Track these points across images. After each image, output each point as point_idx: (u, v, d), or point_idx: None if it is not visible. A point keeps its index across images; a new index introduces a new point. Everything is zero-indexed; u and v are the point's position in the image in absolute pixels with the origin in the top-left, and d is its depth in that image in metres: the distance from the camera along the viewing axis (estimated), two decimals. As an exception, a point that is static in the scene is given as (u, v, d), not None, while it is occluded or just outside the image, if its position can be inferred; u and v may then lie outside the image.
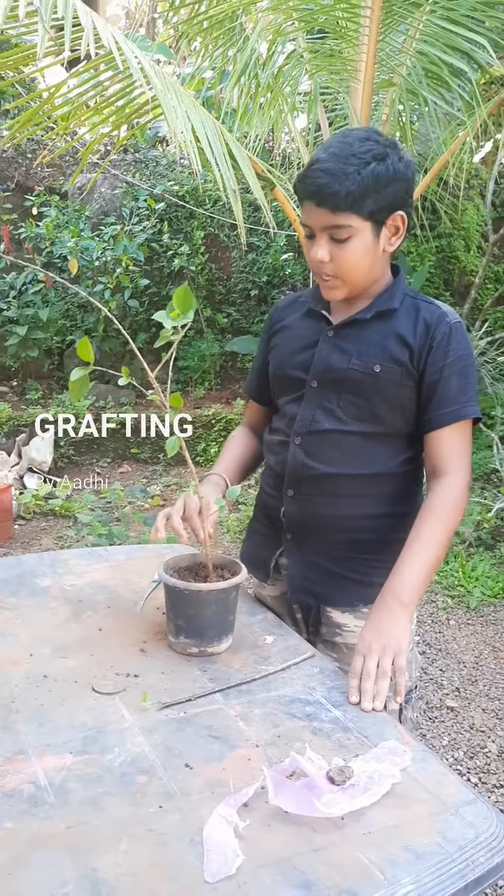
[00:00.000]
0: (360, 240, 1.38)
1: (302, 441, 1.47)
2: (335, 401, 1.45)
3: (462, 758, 2.64)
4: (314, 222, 1.38)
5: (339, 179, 1.32)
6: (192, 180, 6.27)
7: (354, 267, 1.40)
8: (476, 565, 4.10)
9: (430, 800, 1.01)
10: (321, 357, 1.47)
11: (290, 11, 3.28)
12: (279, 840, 0.93)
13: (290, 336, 1.56)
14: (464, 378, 1.42)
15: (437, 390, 1.41)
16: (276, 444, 1.55)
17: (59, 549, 4.20)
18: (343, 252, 1.38)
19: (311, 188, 1.35)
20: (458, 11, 3.04)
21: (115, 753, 1.07)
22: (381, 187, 1.35)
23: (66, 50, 2.29)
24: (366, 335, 1.45)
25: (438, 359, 1.41)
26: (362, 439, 1.44)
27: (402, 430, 1.46)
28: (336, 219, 1.35)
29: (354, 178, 1.32)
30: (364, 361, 1.43)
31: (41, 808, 0.96)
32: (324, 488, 1.46)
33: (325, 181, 1.33)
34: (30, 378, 6.12)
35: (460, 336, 1.43)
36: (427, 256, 6.29)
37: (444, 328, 1.42)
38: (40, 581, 1.63)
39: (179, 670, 1.30)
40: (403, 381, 1.42)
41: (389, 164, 1.35)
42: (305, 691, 1.26)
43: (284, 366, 1.54)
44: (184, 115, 2.63)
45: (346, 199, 1.33)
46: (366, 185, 1.33)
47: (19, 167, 6.45)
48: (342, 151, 1.34)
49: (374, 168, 1.34)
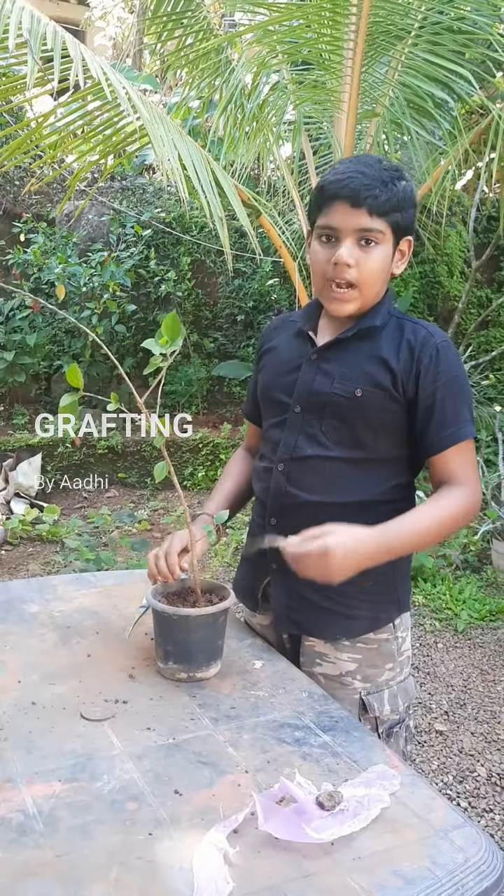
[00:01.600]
0: (384, 250, 1.38)
1: (285, 467, 1.45)
2: (318, 426, 1.42)
3: (451, 782, 2.63)
4: (346, 224, 1.36)
5: (382, 184, 1.34)
6: (179, 207, 6.33)
7: (375, 276, 1.39)
8: (463, 588, 4.11)
9: (420, 824, 1.02)
10: (304, 381, 1.45)
11: (274, 44, 3.34)
12: (269, 867, 0.93)
13: (277, 357, 1.54)
14: (458, 398, 1.40)
15: (433, 414, 1.38)
16: (261, 470, 1.52)
17: (46, 575, 4.18)
18: (368, 258, 1.37)
19: (350, 189, 1.34)
20: (440, 44, 3.11)
21: (105, 780, 1.07)
22: (407, 206, 1.38)
23: (56, 80, 2.32)
24: (348, 357, 1.43)
25: (429, 382, 1.38)
26: (346, 465, 1.41)
27: (387, 456, 1.43)
28: (372, 222, 1.35)
29: (392, 189, 1.35)
30: (346, 385, 1.40)
31: (30, 837, 0.95)
32: (307, 517, 1.39)
33: (367, 183, 1.34)
34: (17, 403, 6.12)
35: (449, 356, 1.41)
36: (411, 282, 6.36)
37: (431, 350, 1.39)
38: (28, 607, 1.63)
39: (168, 696, 1.30)
40: (387, 405, 1.39)
41: (409, 187, 1.39)
42: (294, 716, 1.26)
43: (270, 388, 1.53)
44: (171, 144, 2.66)
45: (386, 204, 1.34)
46: (399, 199, 1.36)
47: (7, 194, 6.50)
48: (370, 167, 1.36)
49: (404, 185, 1.37)
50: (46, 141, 3.12)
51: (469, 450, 1.41)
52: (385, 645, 1.48)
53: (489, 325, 6.72)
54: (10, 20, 2.28)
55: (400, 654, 1.50)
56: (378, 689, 1.47)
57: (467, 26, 3.08)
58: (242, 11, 3.74)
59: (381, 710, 1.47)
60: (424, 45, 3.14)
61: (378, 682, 1.47)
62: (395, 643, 1.49)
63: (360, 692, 1.46)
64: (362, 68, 3.16)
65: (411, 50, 3.20)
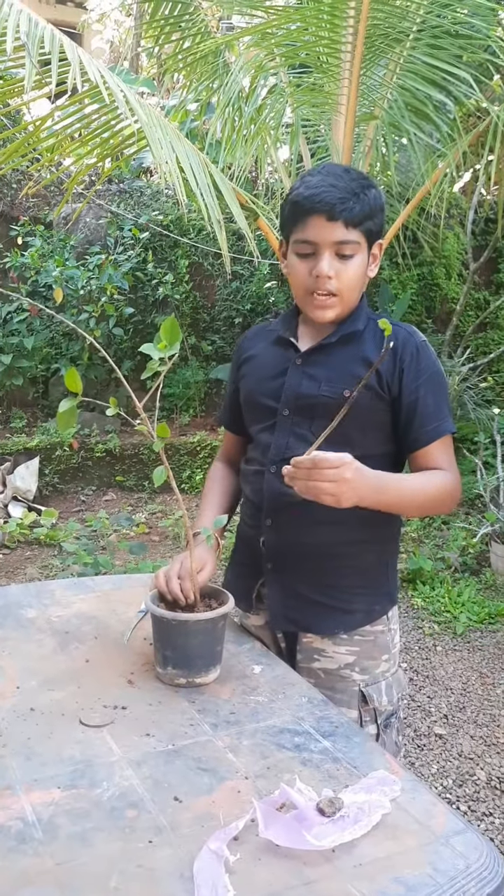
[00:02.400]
0: (361, 258, 1.43)
1: (277, 469, 1.46)
2: (307, 427, 1.46)
3: (451, 786, 2.63)
4: (323, 237, 1.40)
5: (355, 196, 1.38)
6: (177, 210, 6.33)
7: (354, 284, 1.44)
8: (462, 591, 4.10)
9: (421, 830, 1.01)
10: (291, 385, 1.49)
11: (272, 47, 3.34)
12: (270, 874, 0.92)
13: (258, 365, 1.58)
14: (438, 394, 1.46)
15: (416, 410, 1.43)
16: (251, 473, 1.55)
17: (44, 578, 4.17)
18: (347, 268, 1.42)
19: (325, 203, 1.38)
20: (439, 47, 3.11)
21: (104, 787, 1.06)
22: (377, 213, 1.43)
23: (53, 83, 2.32)
24: (333, 361, 1.48)
25: (412, 379, 1.44)
26: None
27: (375, 452, 1.46)
28: (348, 234, 1.39)
29: (363, 199, 1.39)
30: (333, 387, 1.45)
31: (29, 845, 0.95)
32: (301, 516, 1.46)
33: (341, 196, 1.37)
34: (14, 406, 6.11)
35: (428, 354, 1.47)
36: (409, 284, 6.37)
37: (412, 348, 1.45)
38: (26, 612, 1.62)
39: (167, 702, 1.30)
40: (374, 403, 1.44)
41: (378, 194, 1.43)
42: (294, 721, 1.25)
43: (255, 394, 1.56)
44: (168, 147, 2.66)
45: (359, 215, 1.39)
46: (370, 208, 1.40)
47: (4, 197, 6.49)
48: (339, 179, 1.40)
49: (374, 193, 1.42)
50: (44, 144, 3.12)
51: (449, 444, 1.48)
52: (381, 637, 1.53)
53: (487, 328, 6.72)
54: (7, 23, 2.28)
55: (393, 646, 1.56)
56: (375, 681, 1.51)
57: (465, 29, 3.08)
58: (240, 14, 3.74)
59: (379, 702, 1.51)
60: (423, 47, 3.15)
61: (375, 673, 1.52)
62: (389, 635, 1.55)
63: (360, 684, 1.50)
64: (360, 71, 3.16)
65: (410, 53, 3.21)
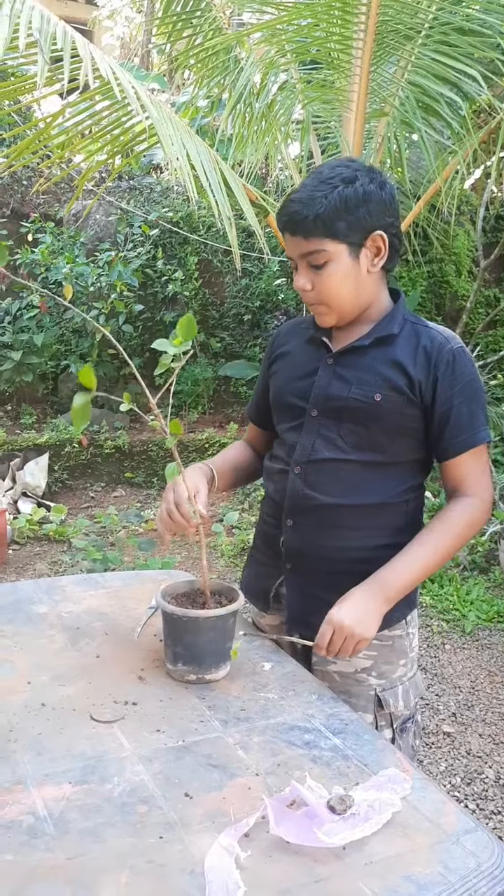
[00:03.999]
0: (338, 264, 1.39)
1: (301, 470, 1.46)
2: (335, 429, 1.44)
3: (459, 784, 2.62)
4: (292, 252, 1.40)
5: (307, 206, 1.35)
6: (187, 207, 6.33)
7: (336, 292, 1.41)
8: (470, 589, 4.10)
9: (431, 829, 1.01)
10: (321, 385, 1.46)
11: (283, 43, 3.34)
12: (281, 870, 0.92)
13: (290, 363, 1.56)
14: (474, 403, 1.42)
15: (449, 419, 1.40)
16: (275, 472, 1.53)
17: (53, 575, 4.19)
18: (322, 278, 1.39)
19: (284, 218, 1.39)
20: (449, 44, 3.09)
21: (115, 783, 1.07)
22: (352, 209, 1.36)
23: (65, 80, 2.32)
24: (366, 363, 1.44)
25: (446, 388, 1.40)
26: (363, 468, 1.43)
27: (403, 459, 1.45)
28: (309, 245, 1.37)
29: (322, 202, 1.35)
30: (364, 390, 1.42)
31: (41, 840, 0.95)
32: (323, 519, 1.44)
33: (296, 208, 1.36)
34: (24, 402, 6.13)
35: (465, 361, 1.42)
36: (419, 281, 6.35)
37: (447, 356, 1.41)
38: (37, 608, 1.63)
39: (178, 698, 1.30)
40: (405, 409, 1.41)
41: (358, 185, 1.36)
42: (304, 719, 1.26)
43: (284, 393, 1.53)
44: (179, 143, 2.66)
45: (315, 223, 1.35)
46: (334, 208, 1.35)
47: (15, 194, 6.50)
48: (312, 181, 1.39)
49: (341, 191, 1.36)
50: (55, 141, 3.12)
51: (482, 455, 1.44)
52: (398, 641, 1.50)
53: (497, 325, 6.69)
54: (20, 20, 2.28)
55: (411, 650, 1.54)
56: (392, 686, 1.50)
57: (477, 26, 3.06)
58: (251, 11, 3.73)
59: (395, 706, 1.49)
60: (434, 44, 3.13)
61: (392, 678, 1.50)
62: (408, 639, 1.52)
63: (376, 689, 1.48)
64: (371, 67, 3.15)
65: (420, 49, 3.19)
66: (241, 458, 1.70)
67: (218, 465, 1.59)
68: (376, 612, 1.35)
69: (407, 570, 1.38)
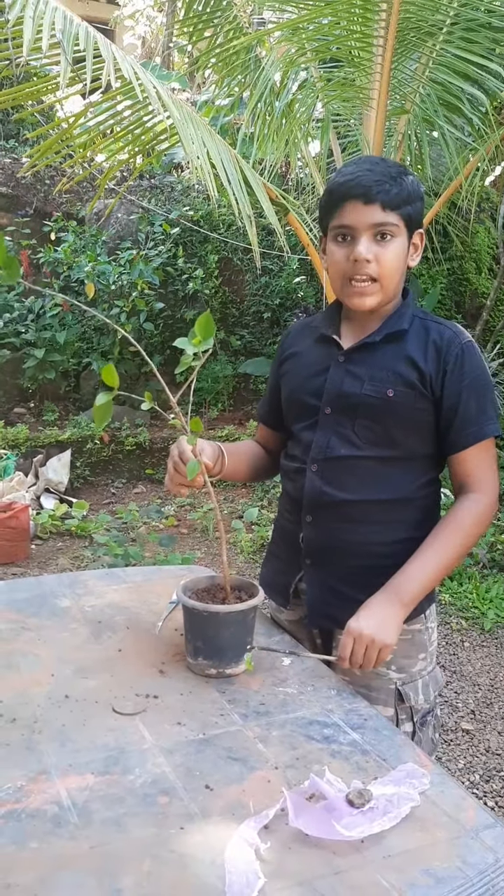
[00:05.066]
0: (400, 242, 1.41)
1: (318, 468, 1.47)
2: (350, 426, 1.45)
3: (478, 781, 2.62)
4: (360, 220, 1.38)
5: (388, 180, 1.37)
6: (207, 205, 6.35)
7: (394, 269, 1.41)
8: (490, 587, 4.08)
9: (450, 823, 1.02)
10: (333, 383, 1.47)
11: (303, 42, 3.34)
12: (300, 862, 0.94)
13: (301, 362, 1.56)
14: (482, 397, 1.43)
15: (457, 413, 1.41)
16: (292, 470, 1.54)
17: (75, 569, 4.23)
18: (386, 251, 1.39)
19: (361, 186, 1.37)
20: (472, 40, 3.08)
21: (137, 774, 1.08)
22: (415, 200, 1.41)
23: (88, 80, 2.35)
24: (377, 359, 1.45)
25: (455, 381, 1.41)
26: (379, 464, 1.44)
27: (418, 453, 1.46)
28: (386, 216, 1.38)
29: (401, 182, 1.38)
30: (376, 386, 1.43)
31: (65, 829, 0.97)
32: (342, 515, 1.46)
33: (377, 179, 1.37)
34: (47, 400, 6.18)
35: (473, 356, 1.44)
36: (438, 279, 6.33)
37: (456, 349, 1.42)
38: (60, 602, 1.65)
39: (198, 692, 1.31)
40: (417, 404, 1.42)
41: (415, 181, 1.42)
42: (323, 713, 1.27)
43: (297, 392, 1.54)
44: (200, 143, 2.68)
45: (397, 197, 1.37)
46: (408, 193, 1.39)
47: (38, 193, 6.56)
48: (376, 165, 1.40)
49: (411, 180, 1.41)
50: (77, 140, 3.15)
51: (490, 449, 1.46)
52: (418, 635, 1.51)
53: (518, 323, 6.65)
54: (43, 21, 2.30)
55: (430, 644, 1.55)
56: (412, 679, 1.51)
57: (499, 22, 3.05)
58: (272, 10, 3.74)
59: (416, 700, 1.50)
60: (456, 41, 3.12)
61: (412, 672, 1.51)
62: (427, 633, 1.53)
63: (396, 682, 1.49)
64: (392, 65, 3.15)
65: (442, 46, 3.18)
66: (252, 451, 1.71)
67: (228, 448, 1.60)
68: (395, 618, 1.36)
69: (421, 574, 1.39)
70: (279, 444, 1.66)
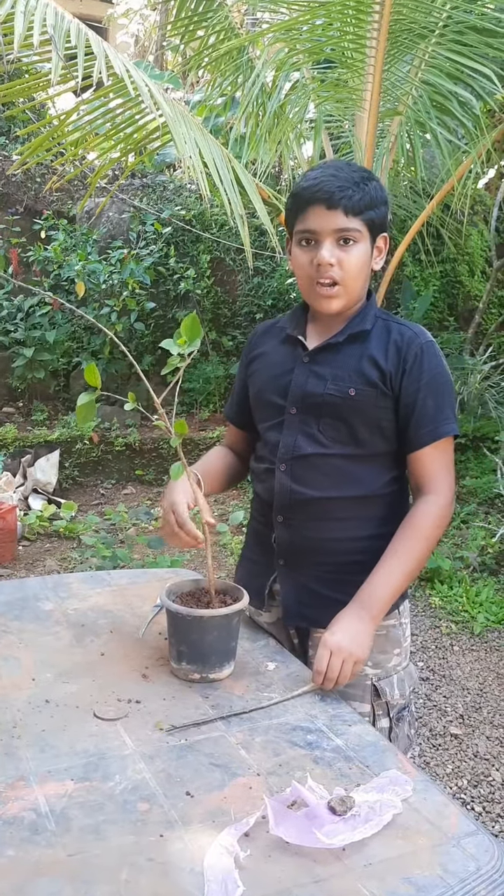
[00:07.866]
0: (363, 247, 1.44)
1: (287, 467, 1.49)
2: (315, 425, 1.47)
3: (466, 786, 2.62)
4: (324, 226, 1.41)
5: (351, 186, 1.40)
6: (199, 205, 6.34)
7: (357, 273, 1.45)
8: (480, 591, 4.08)
9: (432, 831, 1.01)
10: (298, 383, 1.50)
11: (296, 43, 3.33)
12: (280, 871, 0.92)
13: (267, 362, 1.59)
14: (440, 397, 1.46)
15: (414, 411, 1.44)
16: (262, 471, 1.56)
17: (62, 571, 4.20)
18: (349, 256, 1.42)
19: (324, 192, 1.40)
20: (464, 43, 3.08)
21: (117, 780, 1.07)
22: (378, 204, 1.44)
23: (79, 77, 2.33)
24: (340, 359, 1.48)
25: (413, 381, 1.44)
26: (345, 461, 1.47)
27: (382, 451, 1.48)
28: (348, 222, 1.40)
29: (363, 189, 1.41)
30: (339, 386, 1.46)
31: (42, 836, 0.96)
32: (312, 513, 1.48)
33: (340, 184, 1.39)
34: (36, 399, 6.15)
35: (433, 355, 1.47)
36: (431, 281, 6.33)
37: (416, 349, 1.45)
38: (43, 605, 1.63)
39: (181, 697, 1.30)
40: (379, 402, 1.45)
41: (379, 186, 1.45)
42: (307, 719, 1.26)
43: (263, 392, 1.57)
44: (192, 142, 2.66)
45: (359, 203, 1.40)
46: (371, 198, 1.42)
47: (28, 191, 6.53)
48: (341, 170, 1.43)
49: (374, 185, 1.43)
50: (68, 138, 3.13)
51: (447, 450, 1.48)
52: (392, 631, 1.53)
53: (510, 326, 6.66)
54: (34, 17, 2.28)
55: (405, 640, 1.57)
56: (388, 675, 1.52)
57: (491, 25, 3.05)
58: (264, 10, 3.73)
59: (391, 695, 1.52)
60: (448, 43, 3.12)
61: (387, 667, 1.52)
62: (401, 629, 1.56)
63: (372, 678, 1.50)
64: (384, 66, 3.14)
65: (434, 48, 3.18)
66: (222, 463, 1.73)
67: (201, 470, 1.61)
68: (366, 632, 1.38)
69: (385, 584, 1.41)
70: (248, 445, 1.69)
